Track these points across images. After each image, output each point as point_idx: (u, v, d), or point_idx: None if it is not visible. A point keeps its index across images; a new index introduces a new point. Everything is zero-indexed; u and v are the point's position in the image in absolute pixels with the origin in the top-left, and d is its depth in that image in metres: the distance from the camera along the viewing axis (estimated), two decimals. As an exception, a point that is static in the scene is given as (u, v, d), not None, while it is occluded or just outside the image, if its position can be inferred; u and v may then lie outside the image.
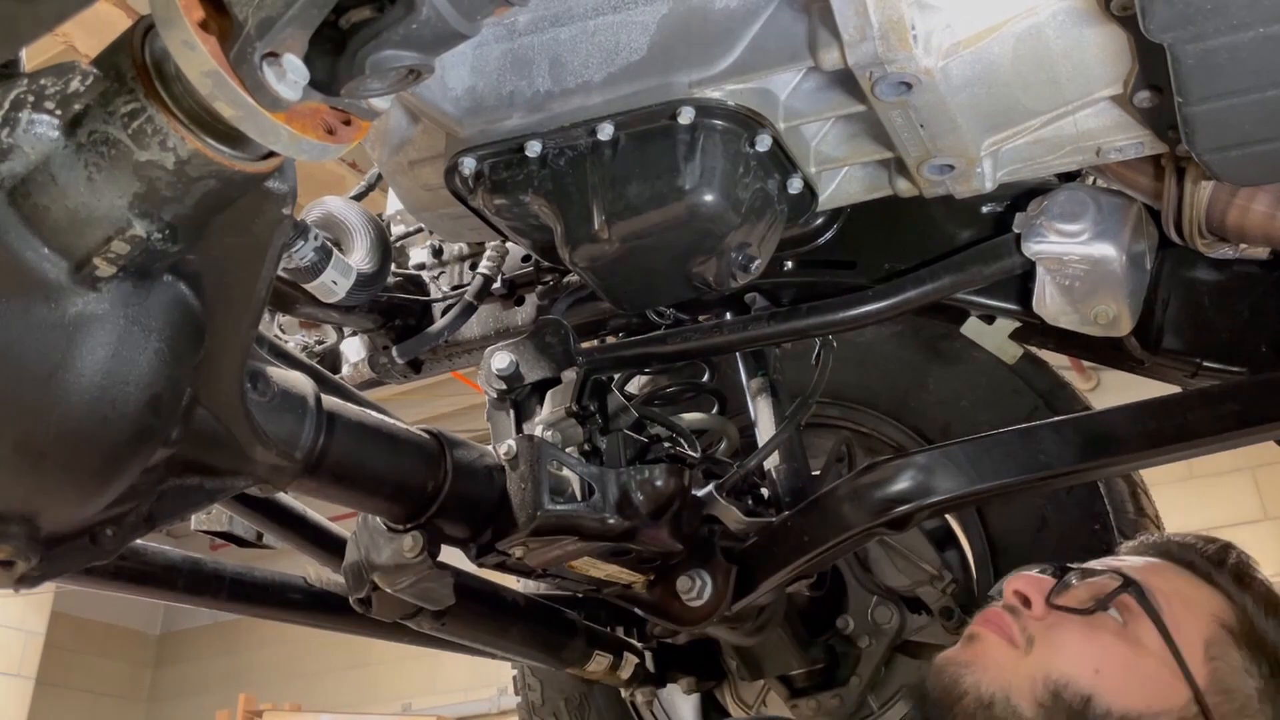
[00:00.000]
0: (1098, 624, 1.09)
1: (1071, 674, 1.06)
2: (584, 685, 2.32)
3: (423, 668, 8.80)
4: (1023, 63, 1.09)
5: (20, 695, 8.29)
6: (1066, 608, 1.11)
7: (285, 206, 0.87)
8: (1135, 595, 1.09)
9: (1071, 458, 1.44)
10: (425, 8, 0.71)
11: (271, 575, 1.71)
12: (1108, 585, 1.12)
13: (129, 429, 0.89)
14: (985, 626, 1.14)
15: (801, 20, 1.09)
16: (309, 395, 1.19)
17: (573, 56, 1.18)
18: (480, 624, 1.68)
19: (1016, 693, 1.07)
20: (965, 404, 2.06)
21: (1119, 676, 1.06)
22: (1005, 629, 1.12)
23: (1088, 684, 1.05)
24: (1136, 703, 1.05)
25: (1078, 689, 1.05)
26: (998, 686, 1.08)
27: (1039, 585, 1.14)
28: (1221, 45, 0.96)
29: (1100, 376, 5.71)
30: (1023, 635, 1.11)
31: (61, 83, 0.76)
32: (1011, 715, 1.07)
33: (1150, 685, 1.06)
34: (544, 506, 1.35)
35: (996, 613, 1.15)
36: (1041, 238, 1.34)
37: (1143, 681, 1.06)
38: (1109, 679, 1.06)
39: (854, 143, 1.23)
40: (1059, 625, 1.11)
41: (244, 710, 7.12)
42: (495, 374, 1.51)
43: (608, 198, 1.17)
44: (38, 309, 0.81)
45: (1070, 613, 1.10)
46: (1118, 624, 1.09)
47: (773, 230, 1.24)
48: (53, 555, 1.01)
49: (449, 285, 1.93)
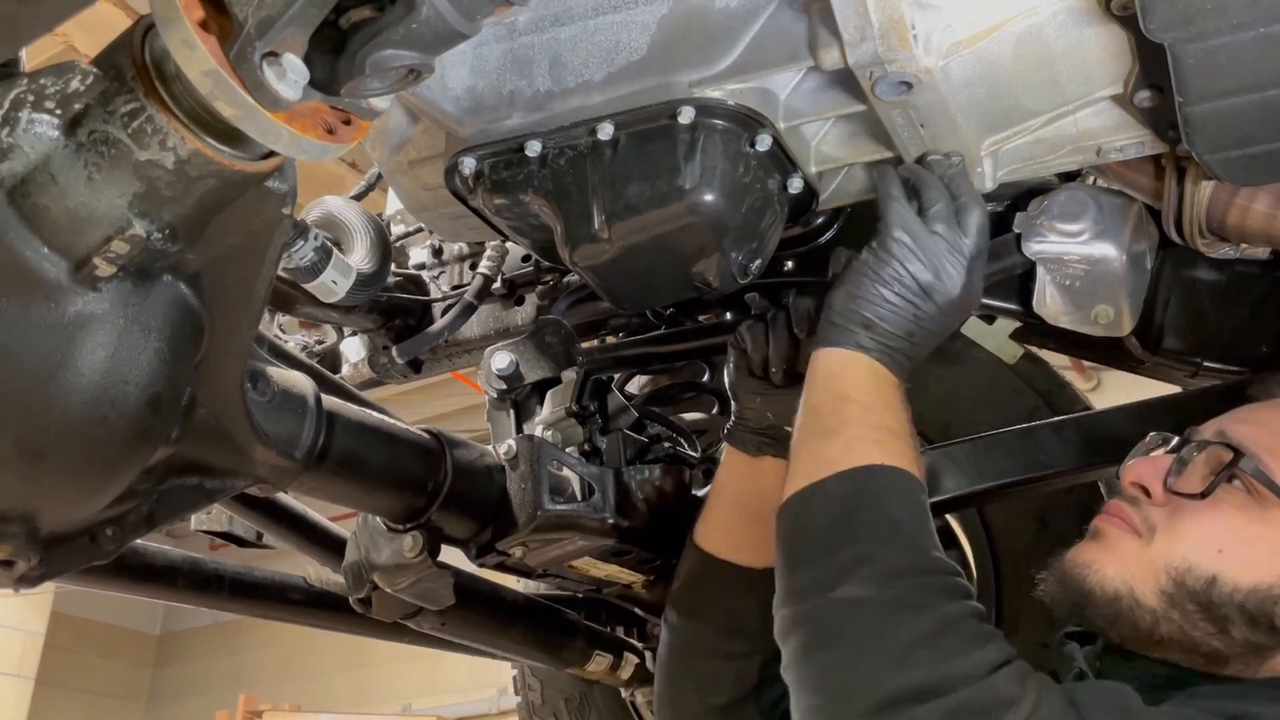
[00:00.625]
0: (1218, 501, 1.07)
1: (1194, 558, 1.06)
2: (584, 685, 2.32)
3: (423, 668, 8.79)
4: (1023, 62, 1.09)
5: (20, 695, 8.29)
6: (1183, 493, 1.09)
7: (285, 206, 0.87)
8: (1250, 470, 1.07)
9: (1071, 458, 1.44)
10: (425, 7, 0.71)
11: (271, 575, 1.71)
12: (1224, 457, 1.09)
13: (129, 429, 0.89)
14: (1108, 521, 1.13)
15: (801, 20, 1.09)
16: (309, 395, 1.19)
17: (573, 56, 1.18)
18: (480, 624, 1.68)
19: (1140, 584, 1.07)
20: (965, 404, 2.06)
21: (1244, 552, 1.05)
22: (1128, 520, 1.12)
23: (1211, 565, 1.05)
24: (1266, 575, 1.04)
25: (1201, 572, 1.05)
26: (1120, 581, 1.08)
27: (1156, 470, 1.12)
28: (1222, 45, 0.96)
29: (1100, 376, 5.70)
30: (1145, 525, 1.10)
31: (61, 82, 0.76)
32: (1136, 607, 1.07)
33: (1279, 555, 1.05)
34: (544, 506, 1.35)
35: (1118, 505, 1.14)
36: (1042, 237, 1.34)
37: (1271, 552, 1.05)
38: (1233, 556, 1.05)
39: (854, 142, 1.23)
40: (1179, 510, 1.09)
41: (244, 710, 7.12)
42: (495, 374, 1.51)
43: (608, 197, 1.17)
44: (37, 309, 0.81)
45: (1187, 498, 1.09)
46: (1240, 495, 1.07)
47: (773, 230, 1.24)
48: (53, 555, 1.01)
49: (449, 285, 1.93)
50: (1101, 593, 1.09)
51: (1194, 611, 1.05)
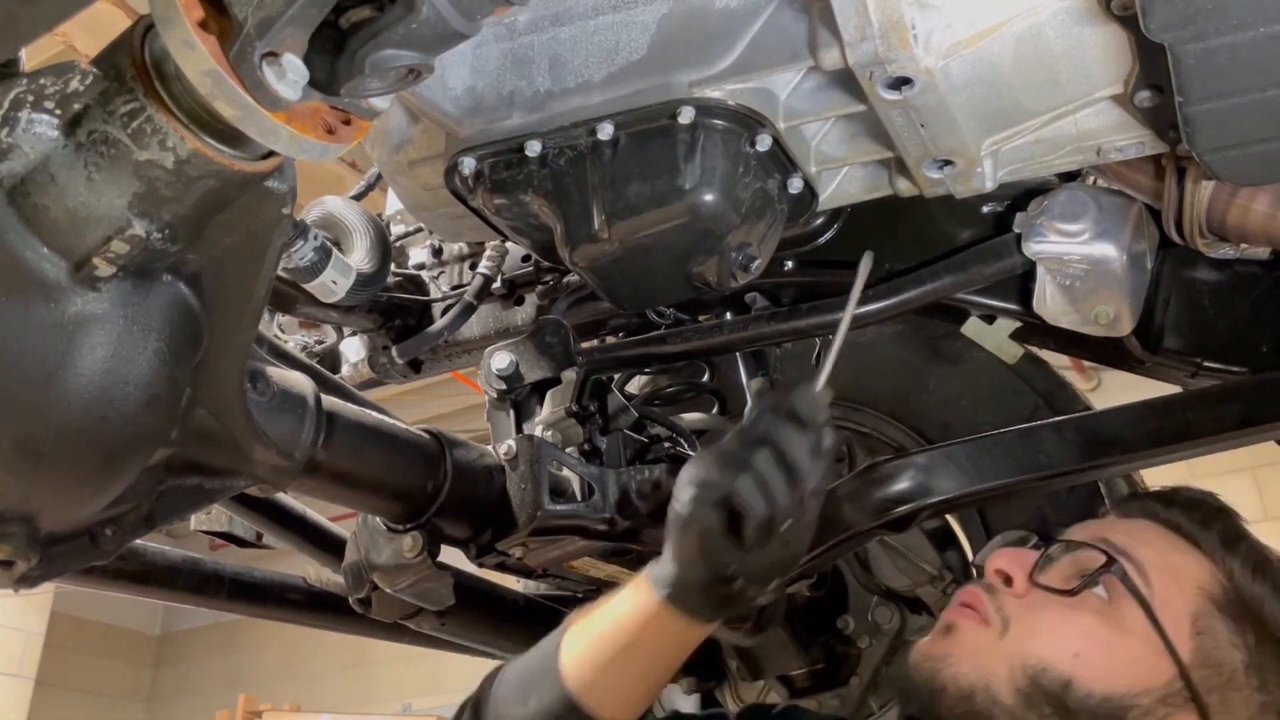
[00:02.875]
0: (1079, 604, 1.06)
1: (1050, 658, 1.03)
2: (584, 685, 2.31)
3: (423, 668, 8.79)
4: (1023, 62, 1.09)
5: (20, 695, 8.28)
6: (1049, 587, 1.08)
7: (285, 206, 0.87)
8: (1119, 575, 1.06)
9: (1071, 458, 1.44)
10: (425, 7, 0.71)
11: (271, 575, 1.72)
12: (1093, 561, 1.08)
13: (128, 429, 0.89)
14: (959, 614, 1.11)
15: (801, 20, 1.09)
16: (309, 395, 1.19)
17: (573, 56, 1.17)
18: (480, 624, 1.68)
19: (995, 680, 1.04)
20: (965, 404, 2.06)
21: (1100, 658, 1.03)
22: (981, 611, 1.09)
23: (1067, 668, 1.03)
24: (1119, 685, 1.02)
25: (1056, 674, 1.03)
26: (976, 676, 1.05)
27: (1022, 561, 1.11)
28: (1222, 45, 0.96)
29: (1101, 376, 5.70)
30: (998, 616, 1.08)
31: (61, 82, 0.76)
32: (992, 704, 1.04)
33: (1134, 665, 1.03)
34: (544, 506, 1.35)
35: (973, 593, 1.12)
36: (1042, 237, 1.34)
37: (1126, 662, 1.03)
38: (1090, 661, 1.03)
39: (854, 142, 1.23)
40: (1038, 605, 1.07)
41: (244, 710, 7.11)
42: (495, 374, 1.51)
43: (608, 197, 1.17)
44: (37, 309, 0.81)
45: (1053, 593, 1.07)
46: (1101, 602, 1.06)
47: (773, 230, 1.24)
48: (53, 555, 1.01)
49: (449, 285, 1.93)
50: (956, 689, 1.05)
51: (1050, 715, 1.02)
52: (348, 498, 1.30)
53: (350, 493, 1.29)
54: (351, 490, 1.29)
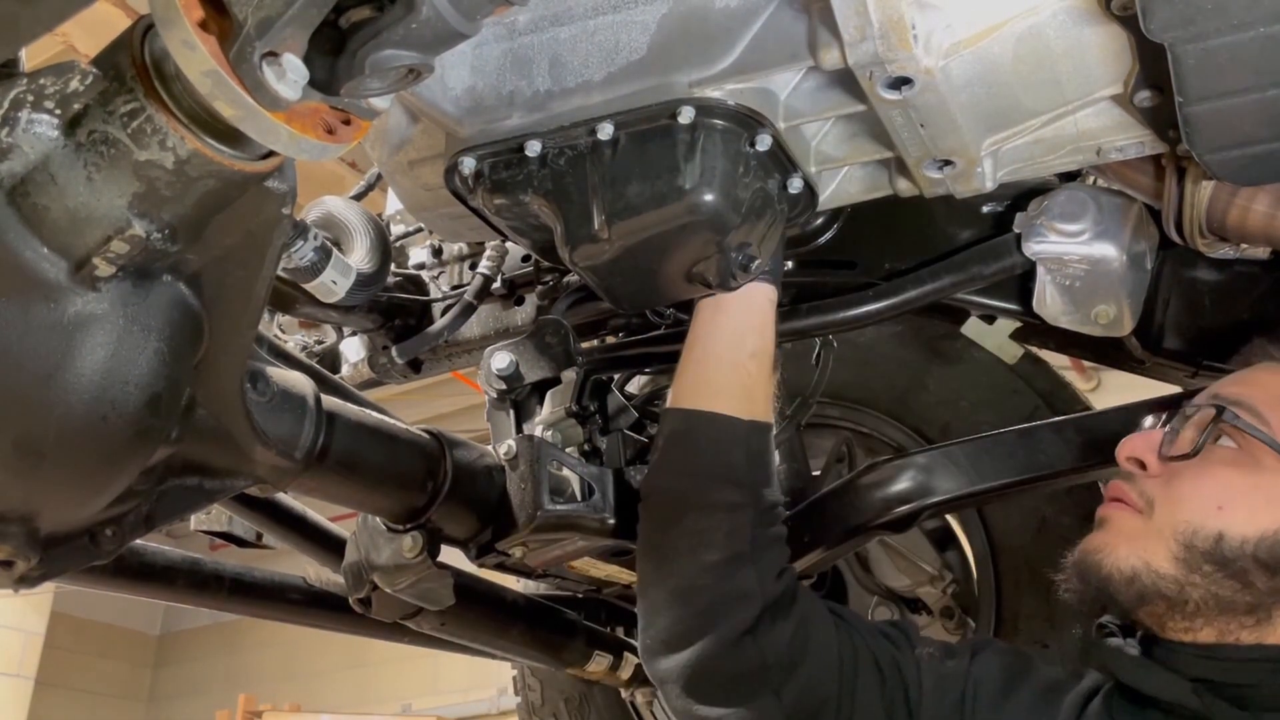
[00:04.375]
0: (1210, 460, 1.09)
1: (1196, 519, 1.07)
2: (584, 685, 2.32)
3: (423, 668, 8.79)
4: (1023, 62, 1.09)
5: (20, 695, 8.28)
6: (1175, 456, 1.11)
7: (285, 206, 0.87)
8: (1232, 421, 1.09)
9: (1071, 458, 1.44)
10: (425, 7, 0.71)
11: (271, 575, 1.71)
12: (1207, 417, 1.11)
13: (129, 429, 0.89)
14: (1108, 509, 1.16)
15: (801, 20, 1.08)
16: (309, 395, 1.19)
17: (573, 56, 1.17)
18: (480, 624, 1.68)
19: (1154, 557, 1.09)
20: (965, 404, 2.06)
21: (1243, 504, 1.07)
22: (1126, 500, 1.14)
23: (1214, 523, 1.06)
24: (1269, 522, 1.05)
25: (1206, 531, 1.06)
26: (1135, 558, 1.09)
27: (1149, 443, 1.14)
28: (1222, 45, 0.96)
29: (1101, 376, 5.69)
30: (1142, 499, 1.12)
31: (61, 82, 0.76)
32: (1157, 579, 1.08)
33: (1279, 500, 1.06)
34: (544, 506, 1.35)
35: (1115, 486, 1.16)
36: (1042, 238, 1.34)
37: (1271, 499, 1.06)
38: (1234, 510, 1.06)
39: (854, 142, 1.23)
40: (1174, 476, 1.11)
41: (244, 710, 7.11)
42: (495, 374, 1.51)
43: (608, 198, 1.17)
44: (37, 309, 0.81)
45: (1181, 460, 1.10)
46: (1233, 452, 1.09)
47: (773, 230, 1.24)
48: (53, 555, 1.01)
49: (449, 285, 1.93)
50: (1119, 574, 1.10)
51: (1212, 571, 1.06)
52: (348, 498, 1.30)
53: (350, 493, 1.29)
54: (351, 490, 1.29)
